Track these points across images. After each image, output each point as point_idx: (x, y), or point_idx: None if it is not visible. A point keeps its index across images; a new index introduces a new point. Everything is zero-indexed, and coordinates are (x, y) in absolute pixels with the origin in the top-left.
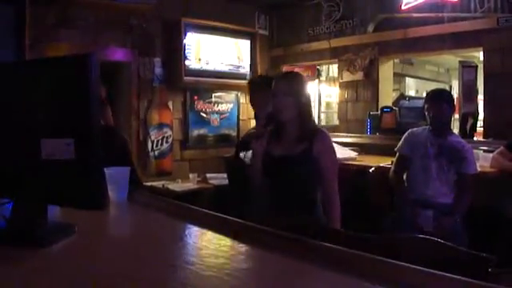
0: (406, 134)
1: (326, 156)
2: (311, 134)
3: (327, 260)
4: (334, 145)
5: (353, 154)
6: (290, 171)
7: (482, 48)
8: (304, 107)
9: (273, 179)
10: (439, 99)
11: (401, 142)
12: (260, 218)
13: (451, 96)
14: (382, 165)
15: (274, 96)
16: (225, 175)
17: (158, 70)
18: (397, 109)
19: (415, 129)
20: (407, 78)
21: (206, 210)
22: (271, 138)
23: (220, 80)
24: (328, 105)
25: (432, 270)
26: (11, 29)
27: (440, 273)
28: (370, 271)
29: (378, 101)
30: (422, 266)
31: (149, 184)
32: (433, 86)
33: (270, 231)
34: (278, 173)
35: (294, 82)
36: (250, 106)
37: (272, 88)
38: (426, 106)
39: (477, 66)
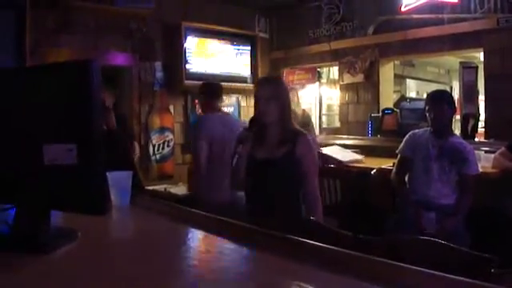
0: (408, 135)
1: (309, 158)
2: (293, 136)
3: (327, 261)
4: (338, 147)
5: (358, 156)
6: (274, 174)
7: (482, 49)
8: (285, 110)
9: (256, 181)
10: (440, 100)
11: (402, 144)
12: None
13: (452, 97)
14: (383, 167)
15: (257, 100)
16: None
17: (159, 74)
18: (398, 110)
19: (416, 130)
20: (408, 80)
21: (208, 214)
22: (255, 141)
23: (220, 83)
24: (329, 107)
25: (434, 272)
26: (12, 34)
27: (442, 274)
28: (369, 272)
29: (378, 103)
30: (425, 268)
31: (150, 188)
32: (433, 87)
33: (273, 234)
34: (262, 175)
35: (276, 87)
36: (250, 109)
37: (254, 93)
38: (426, 108)
39: (477, 67)
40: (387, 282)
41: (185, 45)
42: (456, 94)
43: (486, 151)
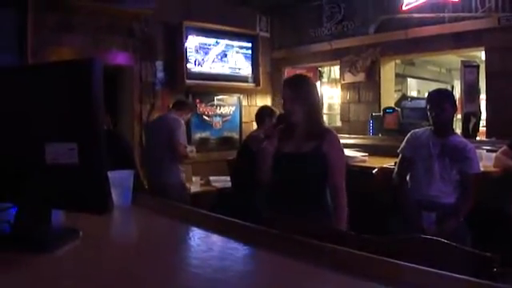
0: (409, 135)
1: (335, 154)
2: (320, 133)
3: (332, 261)
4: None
5: (362, 154)
6: (301, 168)
7: (483, 47)
8: (312, 108)
9: (283, 176)
10: (441, 99)
11: (403, 144)
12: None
13: (452, 96)
14: (385, 166)
15: (284, 101)
16: (228, 178)
17: (160, 74)
18: (399, 109)
19: (417, 130)
20: (409, 79)
21: (210, 213)
22: (282, 136)
23: (222, 83)
24: (330, 106)
25: (437, 271)
26: (14, 33)
27: (445, 273)
28: (372, 271)
29: (380, 102)
30: (427, 267)
31: None
32: (435, 86)
33: (274, 233)
34: (289, 169)
35: (300, 87)
36: (252, 108)
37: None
38: (427, 107)
39: (478, 66)
40: (389, 281)
41: (186, 44)
42: (457, 93)
43: (487, 150)
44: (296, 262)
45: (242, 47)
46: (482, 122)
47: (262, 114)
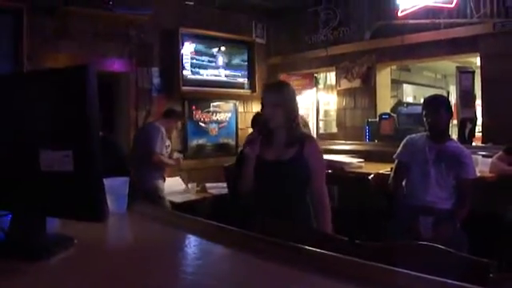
0: (404, 140)
1: (316, 159)
2: (300, 139)
3: (325, 267)
4: (337, 155)
5: (357, 161)
6: (282, 174)
7: (478, 53)
8: (291, 115)
9: (264, 182)
10: (437, 105)
11: (399, 149)
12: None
13: (448, 101)
14: (381, 172)
15: (263, 106)
16: (224, 184)
17: (156, 80)
18: (395, 115)
19: (413, 135)
20: (404, 85)
21: (206, 220)
22: (263, 144)
23: (218, 89)
24: (326, 112)
25: (433, 277)
26: (9, 39)
27: (441, 279)
28: (366, 277)
29: (375, 108)
30: (423, 273)
31: None
32: (430, 92)
33: (269, 240)
34: (270, 176)
35: (280, 93)
36: (248, 114)
37: (261, 98)
38: (423, 113)
39: (474, 72)
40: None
41: (182, 51)
42: (453, 99)
43: (483, 155)
44: (290, 269)
45: (238, 54)
46: (478, 128)
47: (258, 119)
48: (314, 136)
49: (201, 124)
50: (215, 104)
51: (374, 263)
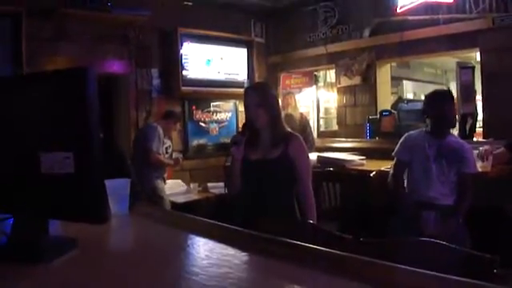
0: (403, 137)
1: (302, 157)
2: (285, 138)
3: (329, 265)
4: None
5: (359, 158)
6: (268, 174)
7: (478, 48)
8: (274, 114)
9: (251, 182)
10: (443, 99)
11: (398, 147)
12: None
13: (453, 96)
14: (382, 169)
15: (246, 107)
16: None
17: (156, 81)
18: (396, 112)
19: (411, 132)
20: (405, 81)
21: (208, 220)
22: (248, 145)
23: (218, 89)
24: (327, 110)
25: (436, 273)
26: (8, 42)
27: (445, 275)
28: (370, 274)
29: (376, 105)
30: (427, 269)
31: None
32: (430, 88)
33: (271, 239)
34: (256, 176)
35: (262, 94)
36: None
37: (243, 100)
38: (428, 108)
39: (474, 67)
40: (389, 285)
41: (181, 51)
42: (454, 95)
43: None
44: (294, 268)
45: (237, 53)
46: (479, 123)
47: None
48: (315, 134)
49: (201, 124)
50: (215, 104)
51: (378, 260)
